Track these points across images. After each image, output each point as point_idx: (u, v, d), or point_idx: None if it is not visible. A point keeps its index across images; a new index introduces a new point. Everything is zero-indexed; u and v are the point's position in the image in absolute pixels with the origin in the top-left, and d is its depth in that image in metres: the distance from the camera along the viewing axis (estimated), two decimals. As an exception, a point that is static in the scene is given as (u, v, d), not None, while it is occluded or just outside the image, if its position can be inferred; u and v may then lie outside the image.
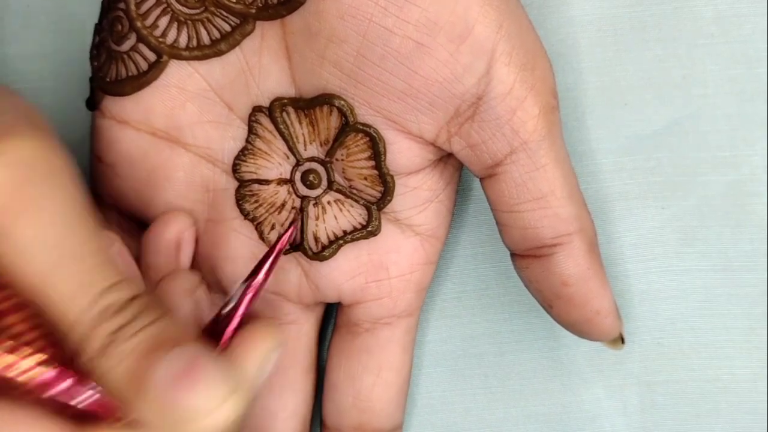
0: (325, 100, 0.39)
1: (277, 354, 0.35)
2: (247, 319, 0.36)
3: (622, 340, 0.41)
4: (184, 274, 0.42)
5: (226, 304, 0.37)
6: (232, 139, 0.41)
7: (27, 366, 0.32)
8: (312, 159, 0.40)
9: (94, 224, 0.33)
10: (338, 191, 0.41)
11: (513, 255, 0.41)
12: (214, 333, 0.36)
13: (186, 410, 0.31)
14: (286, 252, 0.42)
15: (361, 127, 0.39)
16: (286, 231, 0.40)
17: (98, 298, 0.32)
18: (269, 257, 0.38)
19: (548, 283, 0.40)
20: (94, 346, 0.32)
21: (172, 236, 0.42)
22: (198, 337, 0.33)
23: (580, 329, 0.41)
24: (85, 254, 0.32)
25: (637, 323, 0.44)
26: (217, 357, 0.32)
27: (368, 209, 0.41)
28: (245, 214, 0.41)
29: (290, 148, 0.40)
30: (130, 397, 0.32)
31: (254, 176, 0.41)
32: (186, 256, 0.43)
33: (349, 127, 0.39)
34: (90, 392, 0.33)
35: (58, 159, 0.33)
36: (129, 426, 0.33)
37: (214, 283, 0.43)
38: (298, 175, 0.41)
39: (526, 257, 0.40)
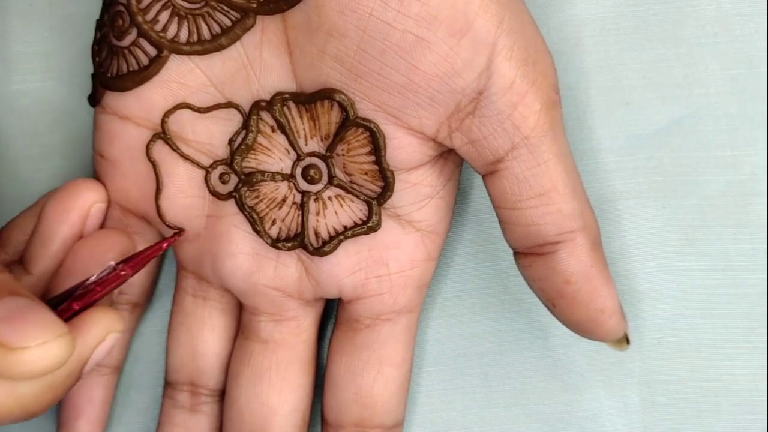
0: (325, 94, 0.39)
1: (114, 339, 0.37)
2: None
3: (627, 341, 0.41)
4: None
5: (87, 280, 0.38)
6: (233, 134, 0.41)
7: None
8: (313, 154, 0.40)
9: None
10: (339, 186, 0.41)
11: (516, 253, 0.41)
12: (62, 301, 0.37)
13: (10, 344, 0.32)
14: (289, 248, 0.42)
15: (361, 121, 0.39)
16: (173, 235, 0.41)
17: None
18: (148, 251, 0.39)
19: (551, 281, 0.40)
20: None
21: (83, 207, 0.41)
22: (33, 297, 0.34)
23: (584, 329, 0.40)
24: None
25: (638, 322, 0.44)
26: (47, 309, 0.33)
27: (368, 204, 0.41)
28: (245, 210, 0.41)
29: (291, 143, 0.40)
30: None
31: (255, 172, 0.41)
32: (91, 231, 0.42)
33: (349, 121, 0.39)
34: None
35: None
36: None
37: (214, 279, 0.43)
38: (298, 170, 0.41)
39: (529, 255, 0.40)
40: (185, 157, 0.41)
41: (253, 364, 0.43)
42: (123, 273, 0.38)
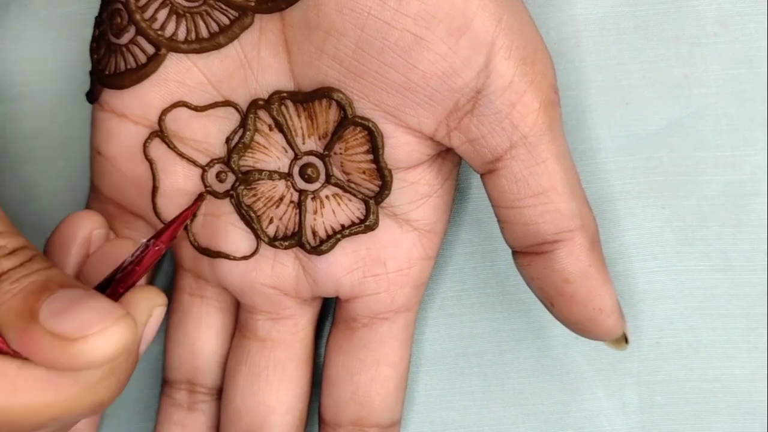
0: (323, 93, 0.39)
1: (161, 313, 0.37)
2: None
3: (626, 340, 0.41)
4: (119, 241, 0.41)
5: (124, 262, 0.37)
6: (230, 132, 0.41)
7: None
8: (310, 153, 0.40)
9: None
10: (336, 185, 0.41)
11: (514, 252, 0.41)
12: (106, 287, 0.37)
13: (71, 335, 0.32)
14: (286, 247, 0.42)
15: (359, 120, 0.39)
16: (196, 200, 0.41)
17: None
18: (176, 222, 0.39)
19: (550, 280, 0.40)
20: None
21: (84, 234, 0.40)
22: (85, 287, 0.34)
23: (582, 328, 0.40)
24: None
25: (636, 323, 0.44)
26: (101, 296, 0.33)
27: (366, 203, 0.41)
28: (243, 208, 0.41)
29: (288, 142, 0.40)
30: (17, 333, 0.32)
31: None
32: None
33: (347, 120, 0.39)
34: None
35: None
36: (17, 358, 0.33)
37: (212, 277, 0.43)
38: (296, 169, 0.41)
39: (528, 254, 0.40)
40: (182, 156, 0.41)
41: (251, 362, 0.43)
42: (157, 248, 0.38)
